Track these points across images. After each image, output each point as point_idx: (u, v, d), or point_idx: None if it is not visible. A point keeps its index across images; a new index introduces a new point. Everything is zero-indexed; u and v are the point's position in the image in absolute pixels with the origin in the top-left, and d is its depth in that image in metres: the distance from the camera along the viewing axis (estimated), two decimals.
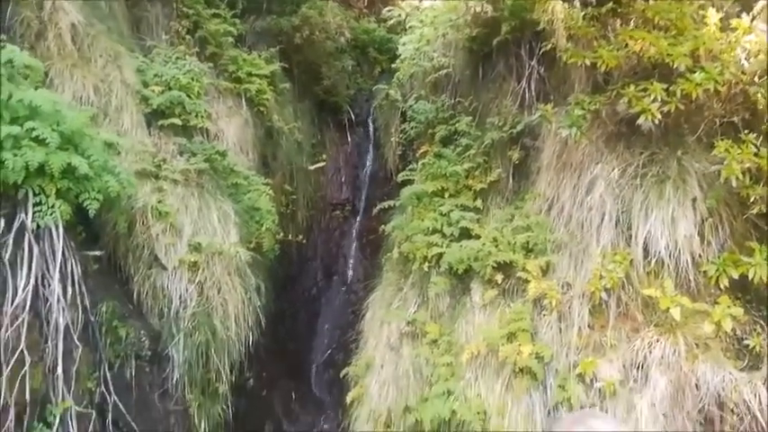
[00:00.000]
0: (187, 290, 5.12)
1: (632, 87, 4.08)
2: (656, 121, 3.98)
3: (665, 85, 3.97)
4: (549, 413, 4.14)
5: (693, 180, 4.06)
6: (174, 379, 4.83)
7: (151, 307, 5.04)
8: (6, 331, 3.64)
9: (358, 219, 8.02)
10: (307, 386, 6.79)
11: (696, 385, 3.76)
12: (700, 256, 4.00)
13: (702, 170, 4.05)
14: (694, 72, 3.93)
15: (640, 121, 4.00)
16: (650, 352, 3.92)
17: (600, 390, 4.00)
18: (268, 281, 6.04)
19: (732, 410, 3.67)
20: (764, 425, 3.56)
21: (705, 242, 3.97)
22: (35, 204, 4.00)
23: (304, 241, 7.29)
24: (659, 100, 3.94)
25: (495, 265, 4.65)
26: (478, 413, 4.24)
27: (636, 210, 4.16)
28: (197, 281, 5.17)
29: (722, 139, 3.88)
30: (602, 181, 4.35)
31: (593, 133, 4.41)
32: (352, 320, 6.42)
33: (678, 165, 4.12)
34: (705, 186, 4.05)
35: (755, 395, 3.63)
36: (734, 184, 3.73)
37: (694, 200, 4.01)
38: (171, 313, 5.01)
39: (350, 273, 7.75)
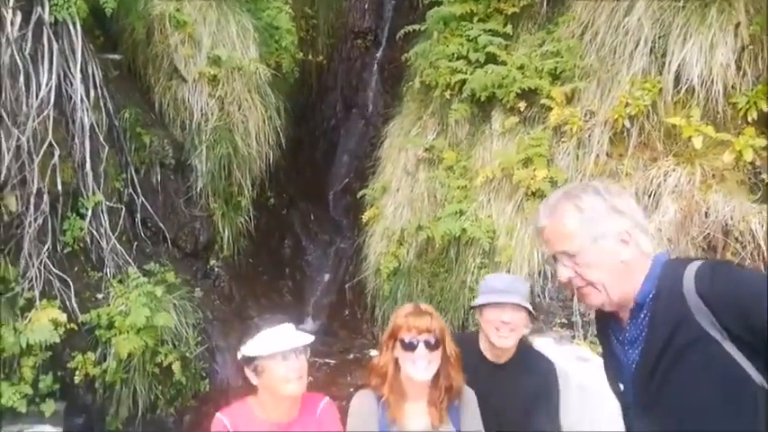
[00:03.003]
0: (208, 103, 5.15)
1: None
2: None
3: None
4: None
5: (740, 3, 3.78)
6: (198, 188, 5.03)
7: (173, 118, 5.11)
8: (33, 122, 3.74)
9: (380, 49, 7.74)
10: (324, 210, 7.05)
11: (706, 213, 3.82)
12: (733, 87, 3.85)
13: None
14: None
15: None
16: (665, 180, 3.94)
17: None
18: (288, 104, 6.01)
19: (737, 238, 3.76)
20: (766, 252, 3.66)
21: (741, 72, 3.81)
22: None
23: (324, 62, 7.11)
24: None
25: (519, 91, 4.55)
26: (488, 232, 4.41)
27: (674, 35, 3.94)
28: (217, 95, 5.18)
29: None
30: (642, 3, 4.08)
31: None
32: (370, 152, 6.48)
33: None
34: (752, 11, 3.78)
35: (762, 225, 3.70)
36: None
37: (737, 25, 3.77)
38: (193, 125, 5.09)
39: (370, 105, 7.67)
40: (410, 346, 1.96)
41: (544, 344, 3.93)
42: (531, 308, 2.33)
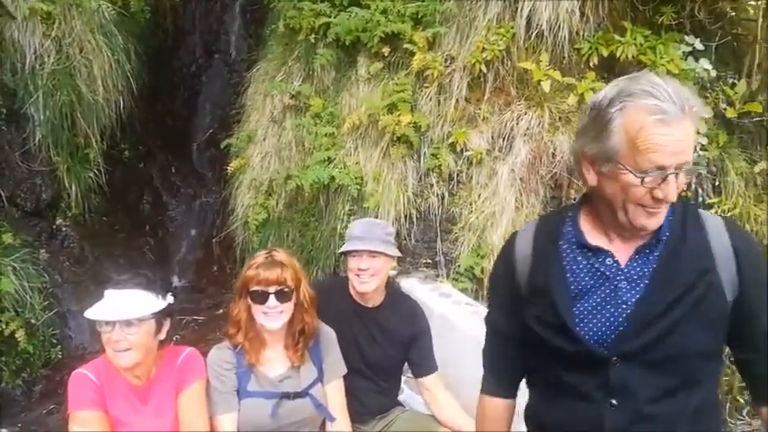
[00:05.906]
0: (42, 44, 4.58)
1: None
2: None
3: None
4: (420, 179, 4.41)
5: None
6: (37, 139, 4.51)
7: (1, 61, 4.50)
8: None
9: None
10: (188, 162, 6.66)
11: (553, 154, 4.11)
12: (577, 33, 4.11)
13: None
14: None
15: None
16: (517, 123, 4.17)
17: (468, 158, 4.28)
18: (140, 47, 5.53)
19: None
20: None
21: (584, 18, 4.06)
22: None
23: (180, 3, 6.58)
24: None
25: (382, 35, 4.53)
26: (356, 178, 4.43)
27: None
28: (53, 35, 4.62)
29: None
30: None
31: None
32: (235, 101, 6.18)
33: None
34: None
35: None
36: None
37: None
38: (26, 69, 4.53)
39: (233, 51, 7.26)
40: (261, 299, 1.91)
41: (410, 284, 4.09)
42: (388, 251, 2.29)
